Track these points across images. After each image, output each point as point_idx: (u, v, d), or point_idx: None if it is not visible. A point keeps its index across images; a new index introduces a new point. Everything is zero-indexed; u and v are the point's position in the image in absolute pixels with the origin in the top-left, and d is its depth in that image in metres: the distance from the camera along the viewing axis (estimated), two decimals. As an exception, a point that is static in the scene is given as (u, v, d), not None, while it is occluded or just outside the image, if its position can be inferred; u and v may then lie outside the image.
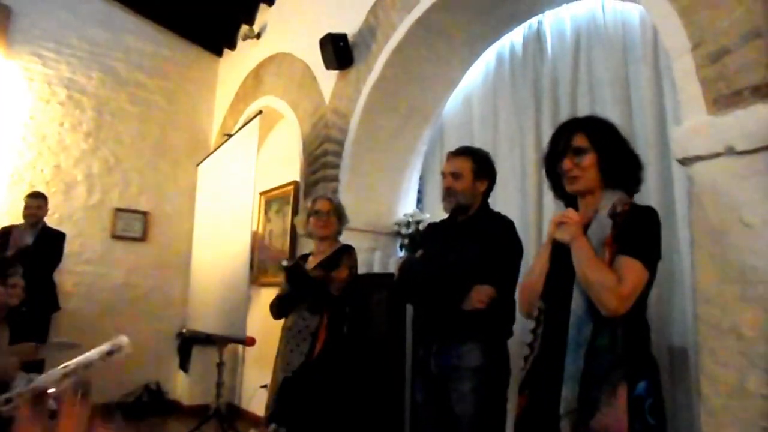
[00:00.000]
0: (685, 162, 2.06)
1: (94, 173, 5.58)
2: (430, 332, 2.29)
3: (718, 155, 1.91)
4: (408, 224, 3.81)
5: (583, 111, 3.14)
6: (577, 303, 1.56)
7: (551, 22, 3.41)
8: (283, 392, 2.71)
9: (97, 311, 5.33)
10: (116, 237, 5.60)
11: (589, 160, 1.68)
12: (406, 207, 4.06)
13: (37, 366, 2.76)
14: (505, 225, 2.33)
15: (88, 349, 0.99)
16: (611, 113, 2.98)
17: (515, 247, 2.29)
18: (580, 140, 1.70)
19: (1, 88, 5.19)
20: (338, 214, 3.01)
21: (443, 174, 2.37)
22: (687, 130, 2.04)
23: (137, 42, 5.94)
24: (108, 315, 5.33)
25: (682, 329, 2.52)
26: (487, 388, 2.14)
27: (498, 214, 2.41)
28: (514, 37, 3.62)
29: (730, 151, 1.87)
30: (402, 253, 3.82)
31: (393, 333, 3.23)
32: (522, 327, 2.16)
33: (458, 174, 2.33)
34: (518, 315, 2.16)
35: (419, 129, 4.04)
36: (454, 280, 2.17)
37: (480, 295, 2.13)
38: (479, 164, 2.36)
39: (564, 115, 3.20)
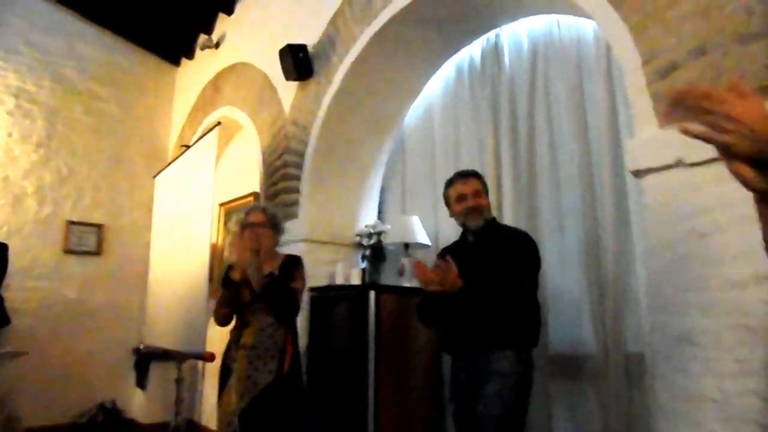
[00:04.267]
0: (638, 174, 2.13)
1: (46, 185, 5.39)
2: (457, 345, 2.39)
3: (669, 167, 1.98)
4: (369, 235, 3.81)
5: (540, 123, 3.21)
6: None
7: (508, 35, 3.48)
8: (254, 409, 2.59)
9: (49, 328, 5.13)
10: (69, 251, 5.41)
11: None
12: (368, 218, 4.06)
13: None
14: (521, 237, 2.40)
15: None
16: (567, 126, 3.07)
17: (533, 257, 2.35)
18: None
19: (-56, 97, 4.97)
20: (273, 225, 2.90)
21: (462, 195, 2.43)
22: (639, 143, 2.10)
23: (91, 50, 5.78)
24: (60, 332, 5.14)
25: (638, 336, 2.58)
26: (511, 391, 2.20)
27: (507, 226, 2.58)
28: (473, 50, 3.67)
29: (681, 163, 1.94)
30: (364, 264, 3.81)
31: (355, 345, 3.21)
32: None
33: (479, 192, 2.44)
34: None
35: (380, 140, 4.05)
36: (497, 299, 2.21)
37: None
38: (484, 184, 2.51)
39: (522, 127, 3.27)
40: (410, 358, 3.31)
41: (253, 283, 2.67)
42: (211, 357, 4.00)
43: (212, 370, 4.96)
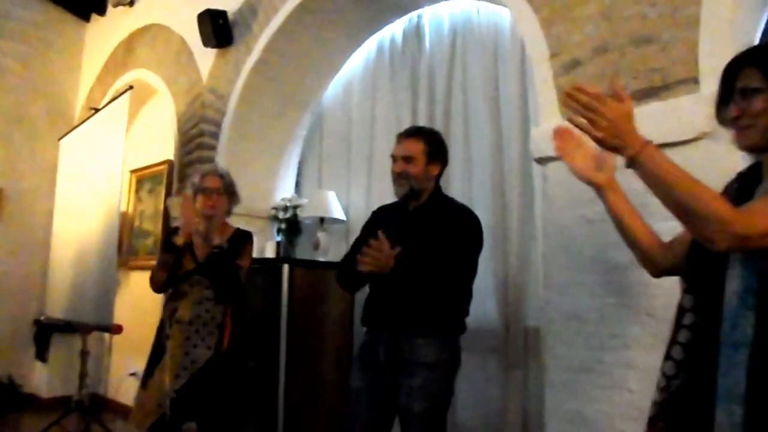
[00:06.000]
0: (540, 161, 2.26)
1: (-67, 144, 4.97)
2: (381, 321, 2.18)
3: (568, 157, 2.11)
4: (285, 208, 3.81)
5: (456, 106, 3.30)
6: (734, 284, 1.09)
7: (430, 17, 3.53)
8: (191, 388, 2.48)
9: (-63, 297, 4.79)
10: (-39, 216, 5.04)
11: (763, 102, 1.13)
12: (284, 191, 4.05)
13: None
14: (464, 213, 2.21)
15: None
16: (482, 110, 3.18)
17: (474, 238, 2.17)
18: (749, 78, 1.16)
19: None
20: (229, 193, 2.71)
21: (393, 157, 2.22)
22: (543, 132, 2.22)
23: (-12, -1, 5.32)
24: (-50, 301, 4.81)
25: (535, 312, 2.77)
26: (437, 384, 2.09)
27: (453, 200, 2.31)
28: (395, 29, 3.70)
29: (578, 154, 2.08)
30: (279, 238, 3.81)
31: (267, 318, 3.23)
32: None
33: (410, 157, 2.16)
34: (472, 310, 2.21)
35: (299, 114, 4.03)
36: (411, 269, 2.03)
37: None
38: (432, 146, 2.21)
39: (439, 109, 3.36)
40: (323, 332, 3.37)
41: (198, 253, 2.55)
42: (118, 329, 3.92)
43: (122, 342, 4.83)
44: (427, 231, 2.13)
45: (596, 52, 2.12)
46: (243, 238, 2.72)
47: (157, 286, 2.68)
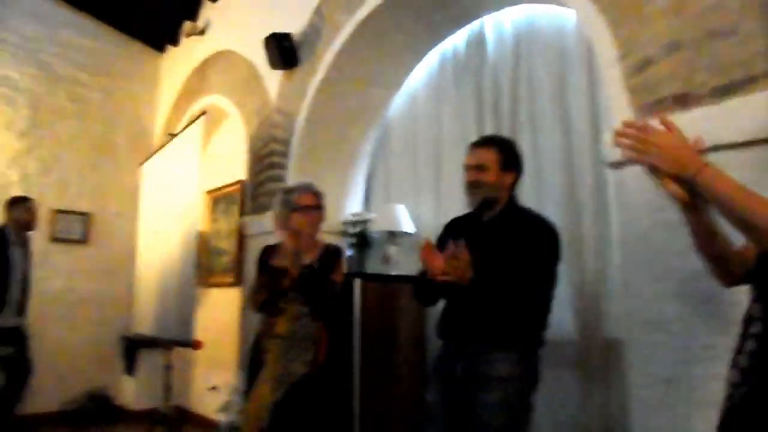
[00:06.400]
0: (615, 166, 2.18)
1: (30, 174, 5.36)
2: (458, 334, 2.13)
3: (644, 160, 2.03)
4: (355, 223, 3.85)
5: (523, 113, 3.25)
6: None
7: (492, 25, 3.50)
8: (288, 402, 2.52)
9: (35, 317, 5.13)
10: (56, 240, 5.40)
11: None
12: (353, 207, 4.10)
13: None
14: (541, 223, 2.14)
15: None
16: (550, 116, 3.11)
17: (552, 248, 2.09)
18: None
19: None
20: (323, 208, 2.76)
21: (465, 167, 2.18)
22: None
23: (74, 37, 5.71)
24: (47, 321, 5.15)
25: (615, 323, 2.65)
26: (516, 399, 2.02)
27: (529, 210, 2.22)
28: (456, 40, 3.69)
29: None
30: (349, 252, 3.85)
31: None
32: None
33: (483, 166, 2.12)
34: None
35: (365, 129, 4.08)
36: (490, 282, 1.97)
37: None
38: (505, 154, 2.16)
39: (505, 117, 3.31)
40: (396, 346, 3.36)
41: (292, 270, 2.57)
42: (198, 345, 4.05)
43: (203, 357, 5.02)
44: (503, 242, 2.07)
45: (669, 49, 2.03)
46: (335, 253, 2.76)
47: (256, 306, 2.73)
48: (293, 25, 4.07)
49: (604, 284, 2.74)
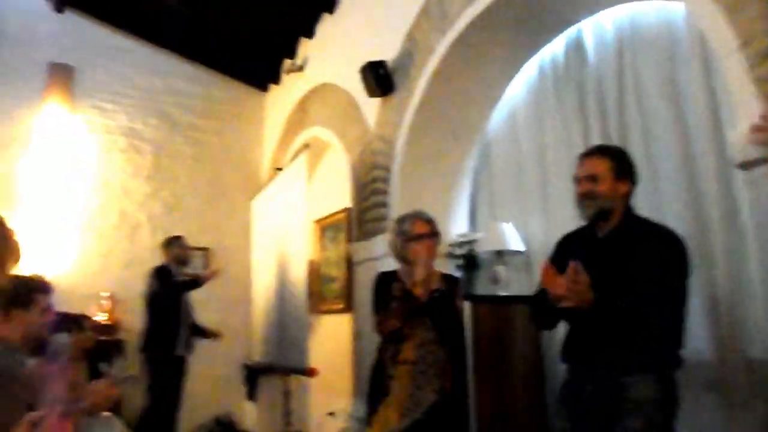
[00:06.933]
0: (745, 166, 1.98)
1: (156, 214, 5.83)
2: (587, 357, 2.01)
3: (779, 157, 1.82)
4: (461, 244, 3.79)
5: (631, 117, 3.06)
6: None
7: (591, 28, 3.34)
8: (417, 430, 2.48)
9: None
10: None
11: None
12: (458, 227, 4.03)
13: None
14: (665, 235, 1.99)
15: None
16: (663, 117, 2.90)
17: (680, 261, 1.94)
18: None
19: (68, 141, 5.52)
20: (439, 235, 2.74)
21: (576, 179, 2.09)
22: (744, 133, 1.95)
23: (186, 84, 6.20)
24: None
25: (758, 341, 2.38)
26: (659, 426, 1.87)
27: (648, 221, 2.08)
28: (554, 48, 3.56)
29: (793, 152, 1.78)
30: (458, 274, 3.78)
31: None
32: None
33: (595, 176, 2.02)
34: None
35: (465, 148, 4.02)
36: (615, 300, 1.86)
37: None
38: (618, 162, 2.05)
39: (612, 122, 3.13)
40: (510, 368, 3.24)
41: (420, 295, 2.55)
42: (313, 372, 4.13)
43: (318, 383, 5.11)
44: (624, 257, 1.94)
45: (800, 32, 1.82)
46: (455, 281, 2.78)
47: (386, 333, 2.67)
48: (387, 52, 4.13)
49: (740, 298, 2.47)
